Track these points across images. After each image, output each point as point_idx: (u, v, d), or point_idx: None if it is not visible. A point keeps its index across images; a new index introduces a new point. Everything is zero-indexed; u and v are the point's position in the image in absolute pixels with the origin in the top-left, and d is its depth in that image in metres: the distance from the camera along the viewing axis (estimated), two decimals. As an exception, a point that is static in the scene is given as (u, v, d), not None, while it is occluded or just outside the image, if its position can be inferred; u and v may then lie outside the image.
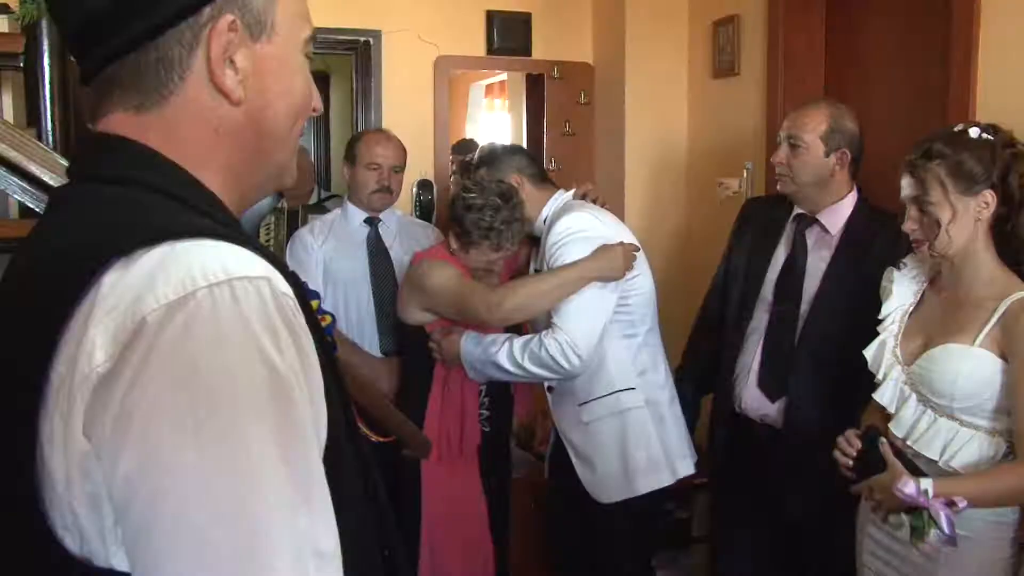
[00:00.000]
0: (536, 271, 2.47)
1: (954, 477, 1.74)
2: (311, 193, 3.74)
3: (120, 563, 0.68)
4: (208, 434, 0.64)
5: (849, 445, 1.87)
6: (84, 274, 0.68)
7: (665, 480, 2.41)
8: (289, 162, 0.90)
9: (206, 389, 0.65)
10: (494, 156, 2.56)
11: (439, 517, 2.42)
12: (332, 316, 2.35)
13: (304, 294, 0.79)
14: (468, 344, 2.36)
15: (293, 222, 3.27)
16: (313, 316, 0.79)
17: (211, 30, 0.78)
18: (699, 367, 2.67)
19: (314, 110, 0.90)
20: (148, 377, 0.64)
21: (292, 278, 0.77)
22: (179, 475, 0.64)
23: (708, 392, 2.66)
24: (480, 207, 2.31)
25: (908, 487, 1.68)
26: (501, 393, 2.54)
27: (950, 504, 1.65)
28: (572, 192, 2.52)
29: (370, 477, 0.86)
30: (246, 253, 0.72)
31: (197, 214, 0.77)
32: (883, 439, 1.80)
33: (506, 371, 2.31)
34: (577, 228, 2.33)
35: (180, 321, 0.66)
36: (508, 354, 2.29)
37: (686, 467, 2.45)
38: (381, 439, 2.10)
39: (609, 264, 2.30)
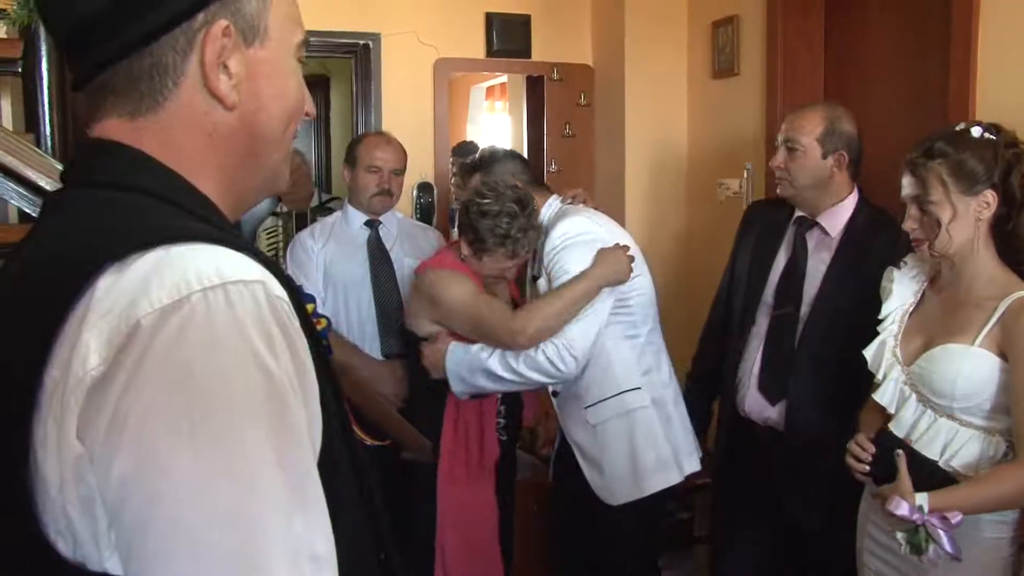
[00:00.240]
0: (533, 277, 2.45)
1: (953, 486, 1.73)
2: (311, 197, 3.75)
3: (114, 567, 0.68)
4: (203, 437, 0.64)
5: (863, 450, 1.86)
6: (79, 278, 0.68)
7: (674, 479, 2.40)
8: (282, 166, 0.90)
9: (201, 393, 0.65)
10: (487, 161, 2.55)
11: (450, 520, 2.40)
12: (327, 320, 2.34)
13: (299, 298, 0.79)
14: (457, 352, 2.31)
15: (302, 225, 3.27)
16: (308, 320, 0.79)
17: (205, 35, 0.78)
18: (709, 373, 2.66)
19: (307, 114, 0.90)
20: (143, 381, 0.65)
21: (287, 282, 0.77)
22: (174, 478, 0.64)
23: (718, 397, 2.65)
24: (496, 213, 2.25)
25: (901, 508, 1.68)
26: (514, 398, 2.53)
27: (944, 519, 1.65)
28: (562, 199, 2.50)
29: (366, 481, 0.86)
30: (241, 257, 0.72)
31: (192, 218, 0.78)
32: (899, 451, 1.77)
33: (499, 378, 2.28)
34: (574, 233, 2.32)
35: (174, 325, 0.66)
36: (501, 359, 2.26)
37: (692, 464, 2.44)
38: (377, 442, 2.09)
39: (614, 268, 2.29)
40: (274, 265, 0.76)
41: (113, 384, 0.65)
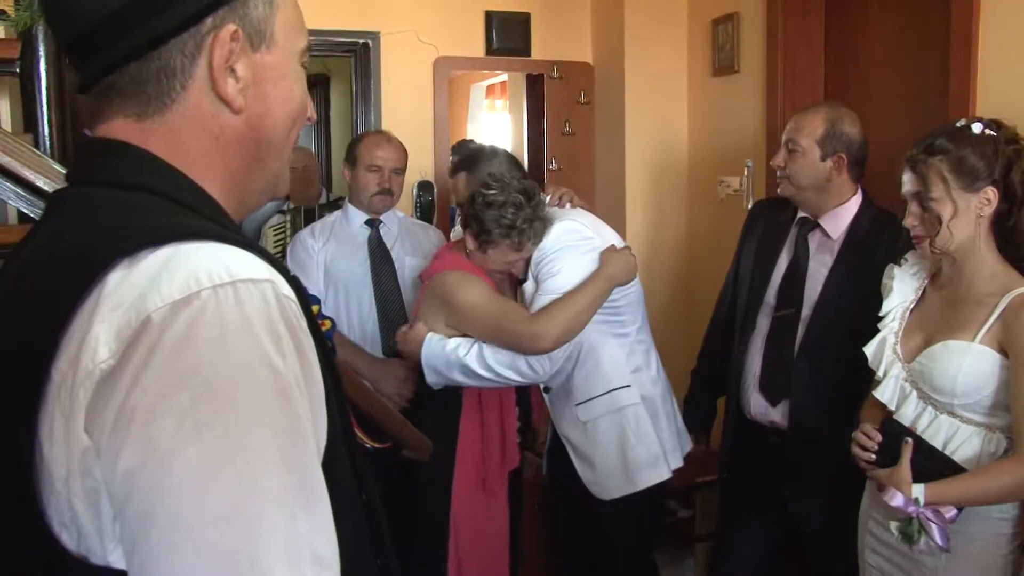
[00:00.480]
0: (520, 280, 2.44)
1: (951, 477, 1.73)
2: (319, 195, 3.76)
3: (117, 560, 0.68)
4: (209, 434, 0.65)
5: (870, 439, 1.85)
6: (88, 273, 0.69)
7: (664, 474, 2.41)
8: (285, 170, 0.91)
9: (207, 389, 0.65)
10: (473, 160, 2.53)
11: (464, 523, 2.40)
12: (332, 321, 2.33)
13: (305, 299, 0.79)
14: (433, 343, 2.30)
15: (311, 222, 3.26)
16: (314, 320, 0.79)
17: (213, 39, 0.79)
18: (712, 370, 2.67)
19: (308, 119, 0.90)
20: (151, 375, 0.65)
21: (294, 282, 0.77)
22: (177, 474, 0.64)
23: (722, 394, 2.66)
24: (501, 204, 2.23)
25: (896, 499, 1.68)
26: (526, 402, 2.52)
27: (938, 513, 1.65)
28: (548, 199, 2.48)
29: (366, 482, 0.86)
30: (250, 256, 0.72)
31: (199, 217, 0.78)
32: (908, 439, 1.77)
33: (475, 374, 2.26)
34: (565, 238, 2.31)
35: (184, 320, 0.66)
36: (478, 357, 2.24)
37: (676, 460, 2.46)
38: (377, 445, 2.08)
39: (622, 268, 2.29)
40: (282, 265, 0.77)
41: (122, 378, 0.65)
